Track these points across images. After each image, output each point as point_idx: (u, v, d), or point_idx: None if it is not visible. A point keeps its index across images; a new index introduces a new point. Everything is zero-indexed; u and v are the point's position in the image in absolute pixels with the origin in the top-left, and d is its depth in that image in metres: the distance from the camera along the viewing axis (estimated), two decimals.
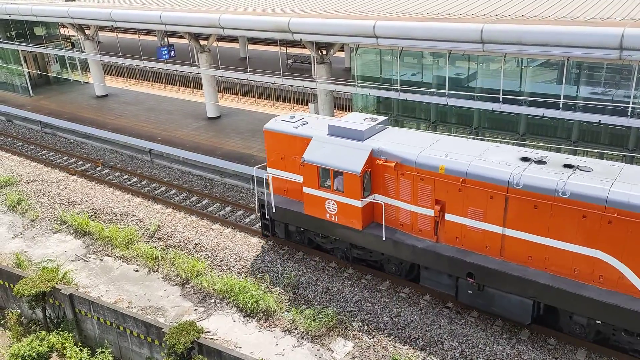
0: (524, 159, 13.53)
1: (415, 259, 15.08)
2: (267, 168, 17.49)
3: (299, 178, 16.53)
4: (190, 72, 29.74)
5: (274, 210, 17.20)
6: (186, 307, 16.15)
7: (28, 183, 24.58)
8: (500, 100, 17.36)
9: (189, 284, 17.01)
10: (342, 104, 29.03)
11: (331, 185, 15.46)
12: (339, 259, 17.07)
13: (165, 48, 28.55)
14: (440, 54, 19.14)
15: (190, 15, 24.27)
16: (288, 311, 15.42)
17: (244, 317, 15.45)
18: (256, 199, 18.41)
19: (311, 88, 25.74)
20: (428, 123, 20.66)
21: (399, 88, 19.49)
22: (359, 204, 15.06)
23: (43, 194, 23.42)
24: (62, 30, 38.65)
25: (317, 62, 22.85)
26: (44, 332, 16.22)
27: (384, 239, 15.12)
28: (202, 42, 26.95)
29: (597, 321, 12.72)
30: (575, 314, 13.00)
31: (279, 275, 16.80)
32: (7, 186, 24.25)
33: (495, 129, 19.36)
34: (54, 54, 37.06)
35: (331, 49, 22.34)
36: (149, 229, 20.00)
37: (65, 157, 27.32)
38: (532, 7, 18.34)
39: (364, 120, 16.22)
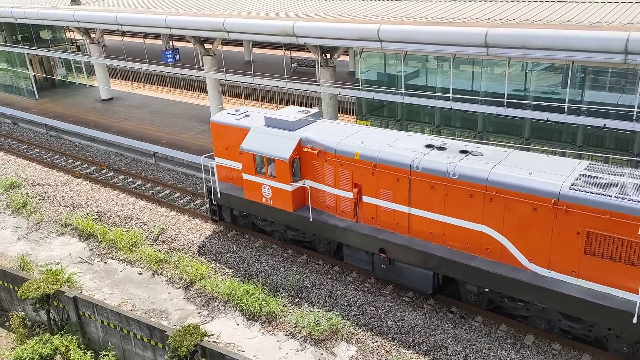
0: (428, 146, 14.96)
1: (338, 238, 16.46)
2: (214, 157, 19.03)
3: (240, 166, 17.88)
4: (195, 76, 29.86)
5: (219, 196, 18.65)
6: (190, 310, 16.16)
7: (33, 186, 24.69)
8: (505, 104, 17.33)
9: (192, 287, 17.02)
10: (346, 108, 29.06)
11: (266, 172, 16.90)
12: (277, 240, 18.43)
13: (170, 52, 28.66)
14: (444, 58, 19.15)
15: (195, 19, 24.36)
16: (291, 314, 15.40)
17: (248, 320, 15.44)
18: (204, 186, 19.80)
19: (315, 92, 25.78)
20: (432, 127, 20.65)
21: (402, 92, 19.50)
22: (289, 188, 16.55)
23: (48, 197, 23.51)
24: (68, 34, 38.89)
25: (321, 66, 22.89)
26: (47, 335, 16.26)
27: (311, 220, 16.52)
28: (207, 46, 27.05)
29: (486, 289, 14.12)
30: (468, 283, 14.39)
31: (283, 279, 16.80)
32: (12, 189, 24.36)
33: (499, 133, 19.33)
34: (60, 58, 37.25)
35: (335, 53, 22.38)
36: (153, 231, 20.04)
37: (70, 160, 27.44)
38: (536, 11, 18.32)
39: (298, 112, 17.59)
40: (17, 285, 16.94)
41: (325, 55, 22.61)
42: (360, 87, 20.82)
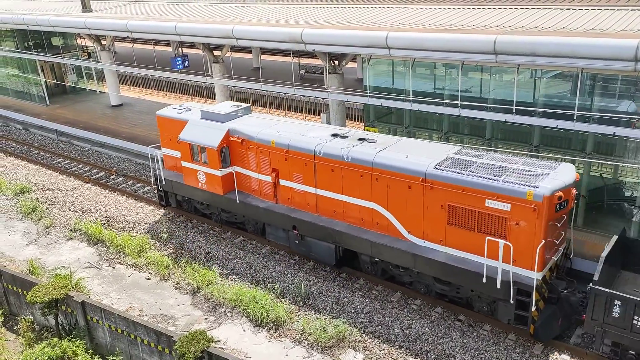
0: (334, 135, 16.95)
1: (260, 218, 18.44)
2: (161, 148, 20.97)
3: (180, 154, 19.86)
4: (204, 82, 30.03)
5: (164, 182, 20.77)
6: (196, 316, 16.17)
7: (43, 191, 24.89)
8: (514, 111, 17.26)
9: (199, 292, 17.04)
10: (354, 114, 29.08)
11: (200, 159, 18.82)
12: (214, 222, 20.44)
13: (180, 58, 28.87)
14: (452, 65, 19.13)
15: (205, 26, 24.54)
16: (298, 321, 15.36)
17: (254, 326, 15.42)
18: (152, 174, 21.67)
19: (323, 98, 25.82)
20: (440, 134, 20.61)
21: (411, 99, 19.48)
22: (219, 173, 18.53)
23: (57, 202, 23.69)
24: (79, 41, 39.30)
25: (329, 73, 22.94)
26: (55, 339, 16.32)
27: (237, 202, 18.47)
28: (216, 53, 27.21)
29: (376, 259, 16.04)
30: (362, 254, 16.29)
31: (289, 285, 16.78)
32: (22, 194, 24.57)
33: (508, 140, 19.24)
34: (71, 64, 37.65)
35: (343, 60, 22.42)
36: (160, 237, 20.12)
37: (80, 166, 27.66)
38: (545, 18, 18.27)
39: (230, 107, 19.60)
40: (26, 289, 17.05)
41: (333, 62, 22.66)
42: (368, 94, 20.83)
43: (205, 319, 16.00)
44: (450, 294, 15.04)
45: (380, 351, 14.07)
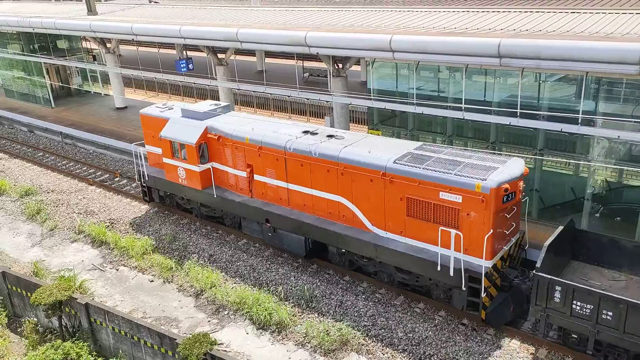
0: (305, 132, 17.60)
1: (236, 212, 19.14)
2: (145, 145, 21.67)
3: (161, 151, 20.60)
4: (208, 85, 30.10)
5: (147, 178, 21.50)
6: (200, 318, 16.18)
7: (48, 193, 24.98)
8: (518, 114, 17.22)
9: (203, 295, 17.05)
10: (357, 117, 29.09)
11: (180, 156, 19.55)
12: (194, 216, 21.19)
13: (184, 61, 28.95)
14: (456, 68, 19.11)
15: (209, 29, 24.61)
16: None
17: (257, 329, 15.41)
18: (136, 170, 22.30)
19: (327, 101, 25.83)
20: (444, 137, 20.58)
21: (414, 102, 19.47)
22: (197, 169, 19.21)
23: (62, 204, 23.77)
24: (84, 44, 39.49)
25: (333, 76, 22.96)
26: (59, 341, 16.35)
27: (215, 196, 19.17)
28: (220, 56, 27.29)
29: (342, 250, 16.72)
30: (329, 245, 17.01)
31: (292, 288, 16.76)
32: (27, 195, 24.67)
33: (512, 144, 19.20)
34: (76, 67, 37.81)
35: (347, 63, 22.44)
36: (164, 239, 20.15)
37: (85, 168, 27.76)
38: (550, 22, 18.24)
39: (209, 106, 20.42)
40: (30, 291, 17.09)
41: (337, 65, 22.68)
42: (372, 97, 20.83)
43: (209, 321, 16.01)
44: (411, 282, 15.75)
45: (384, 355, 14.03)
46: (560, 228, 14.16)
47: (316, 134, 17.42)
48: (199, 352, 13.69)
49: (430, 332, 14.54)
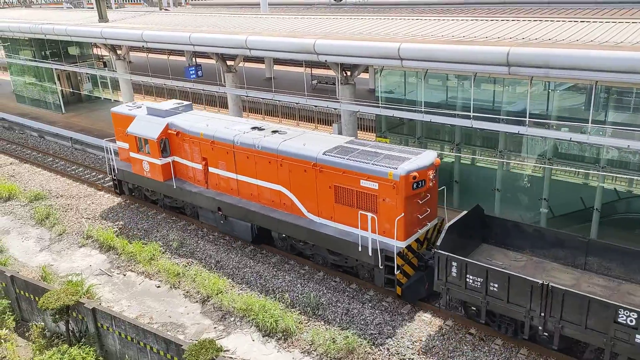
0: (253, 127, 19.31)
1: (193, 202, 20.66)
2: (116, 141, 23.26)
3: (128, 146, 22.19)
4: (217, 92, 30.26)
5: (116, 172, 23.17)
6: (206, 324, 16.17)
7: (57, 197, 25.16)
8: (527, 123, 17.16)
9: (209, 301, 17.04)
10: (365, 125, 29.09)
11: (144, 150, 21.19)
12: (159, 207, 22.80)
13: (193, 68, 29.13)
14: (465, 76, 19.10)
15: (219, 36, 24.77)
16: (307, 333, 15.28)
17: (263, 336, 15.37)
18: (107, 164, 23.98)
19: (335, 109, 25.88)
20: (452, 145, 20.53)
21: (422, 110, 19.45)
22: (159, 162, 20.96)
23: (71, 209, 23.91)
24: (95, 50, 39.88)
25: (341, 83, 23.01)
26: (66, 346, 16.38)
27: (174, 187, 20.83)
28: (229, 63, 27.44)
29: (283, 235, 18.28)
30: (272, 230, 18.62)
31: (299, 295, 16.72)
32: (36, 200, 24.85)
33: (521, 153, 19.12)
34: (87, 73, 38.18)
35: (355, 71, 22.49)
36: (171, 245, 20.20)
37: (94, 173, 27.94)
38: (559, 30, 18.20)
39: (173, 104, 22.45)
40: (38, 295, 17.17)
41: (346, 73, 22.73)
42: (380, 105, 20.84)
43: (215, 327, 15.99)
44: (340, 263, 17.29)
45: None
46: (464, 212, 15.42)
47: (263, 129, 19.10)
48: (204, 358, 13.65)
49: (437, 342, 14.44)
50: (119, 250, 20.22)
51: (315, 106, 27.54)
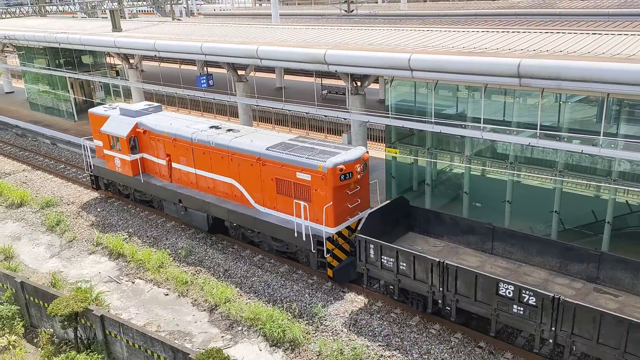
0: (211, 127, 21.05)
1: (158, 195, 22.51)
2: (93, 140, 25.10)
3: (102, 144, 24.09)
4: (227, 101, 30.44)
5: (92, 168, 25.05)
6: (213, 333, 16.14)
7: (68, 204, 25.35)
8: (537, 135, 17.07)
9: (217, 309, 17.03)
10: (375, 135, 29.10)
11: (116, 147, 23.03)
12: (131, 200, 24.53)
13: (204, 77, 29.37)
14: (475, 87, 19.06)
15: (230, 46, 24.98)
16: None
17: (270, 346, 15.31)
18: (85, 162, 25.84)
19: (345, 119, 25.93)
20: (462, 156, 20.45)
21: (433, 120, 19.43)
22: (128, 158, 22.75)
23: (81, 216, 24.08)
24: (108, 59, 40.34)
25: (351, 94, 23.06)
26: (74, 353, 16.41)
27: (142, 181, 22.60)
28: (240, 72, 27.63)
29: (234, 224, 19.93)
30: (225, 220, 20.19)
31: (307, 305, 16.66)
32: (47, 207, 25.06)
33: (532, 165, 19.00)
34: (100, 82, 38.60)
35: (366, 81, 22.54)
36: (180, 253, 20.25)
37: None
38: (570, 43, 18.14)
39: (143, 106, 24.15)
40: (48, 302, 17.25)
41: (356, 83, 22.79)
42: (390, 115, 20.84)
43: (222, 336, 15.96)
44: (283, 249, 18.86)
45: None
46: (387, 202, 17.47)
47: (219, 128, 20.94)
48: None
49: (446, 355, 14.29)
50: (128, 258, 20.30)
51: (325, 116, 27.62)
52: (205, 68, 31.42)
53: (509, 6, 41.01)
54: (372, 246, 15.51)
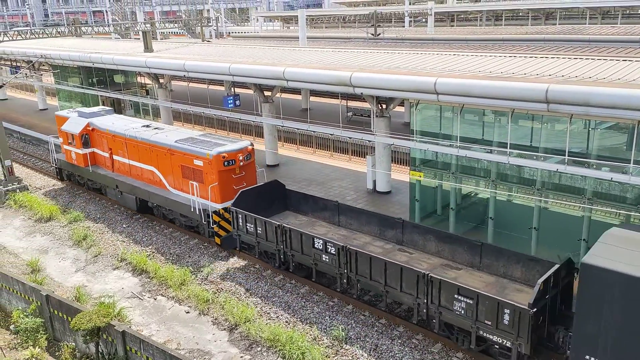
0: (143, 125, 25.63)
1: (103, 182, 27.09)
2: (58, 138, 29.14)
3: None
4: (253, 121, 30.84)
5: (56, 162, 30.02)
6: (232, 353, 16.07)
7: (95, 220, 25.83)
8: (566, 161, 16.79)
9: (237, 329, 16.98)
10: (400, 158, 29.01)
11: (72, 143, 27.72)
12: (86, 189, 29.06)
13: (232, 97, 29.87)
14: (502, 112, 18.90)
15: (257, 67, 25.42)
16: None
17: None
18: (51, 156, 30.69)
19: (369, 141, 25.95)
20: (488, 181, 20.19)
21: (458, 144, 19.29)
22: (81, 152, 27.45)
23: (107, 231, 24.48)
24: (139, 78, 41.37)
25: (376, 116, 23.13)
26: None
27: (90, 171, 27.38)
28: (267, 93, 28.02)
29: (154, 204, 24.32)
30: (149, 201, 24.63)
31: (327, 328, 16.50)
32: (75, 222, 25.56)
33: (559, 191, 18.63)
34: (130, 100, 39.58)
35: (391, 104, 22.59)
36: (202, 271, 20.34)
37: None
38: (600, 69, 17.92)
39: (97, 109, 29.35)
40: (71, 316, 17.46)
41: (381, 106, 22.87)
42: (415, 139, 20.78)
43: (241, 357, 15.87)
44: (188, 223, 22.98)
45: None
46: (260, 184, 21.38)
47: (149, 126, 25.43)
48: None
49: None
50: (150, 274, 20.48)
51: (350, 138, 27.69)
52: (232, 88, 31.95)
53: (537, 32, 40.83)
54: (240, 216, 19.72)
